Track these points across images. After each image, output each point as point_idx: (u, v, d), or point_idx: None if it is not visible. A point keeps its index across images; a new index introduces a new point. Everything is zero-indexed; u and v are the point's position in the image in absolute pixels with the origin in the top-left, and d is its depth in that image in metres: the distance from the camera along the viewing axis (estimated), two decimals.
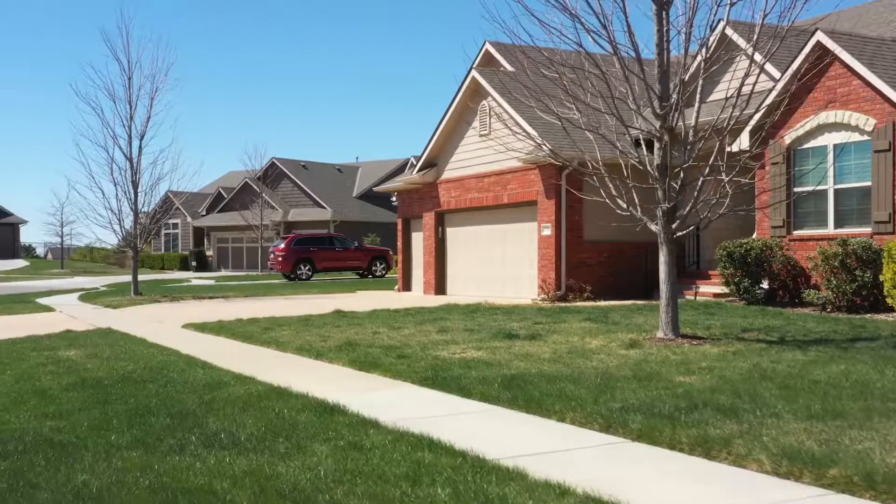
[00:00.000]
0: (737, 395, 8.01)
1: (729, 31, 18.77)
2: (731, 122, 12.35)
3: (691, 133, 12.55)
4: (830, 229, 17.62)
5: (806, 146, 18.04)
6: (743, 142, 18.25)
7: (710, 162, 12.45)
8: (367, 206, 60.92)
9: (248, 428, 7.25)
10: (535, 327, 14.60)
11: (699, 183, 12.55)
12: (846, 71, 17.19)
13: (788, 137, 18.23)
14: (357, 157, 75.08)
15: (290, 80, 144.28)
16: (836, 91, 17.45)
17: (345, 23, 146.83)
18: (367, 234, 53.32)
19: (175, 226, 67.02)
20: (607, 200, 13.64)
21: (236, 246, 61.51)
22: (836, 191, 17.43)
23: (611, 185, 13.27)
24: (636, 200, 13.16)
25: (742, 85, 12.24)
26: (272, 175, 60.77)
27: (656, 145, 12.64)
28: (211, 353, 12.59)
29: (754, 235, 19.22)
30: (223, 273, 57.25)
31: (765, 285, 17.71)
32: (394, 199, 56.62)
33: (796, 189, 18.07)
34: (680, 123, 12.50)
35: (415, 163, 51.46)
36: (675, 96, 12.26)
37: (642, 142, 20.18)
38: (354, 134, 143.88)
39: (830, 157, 17.50)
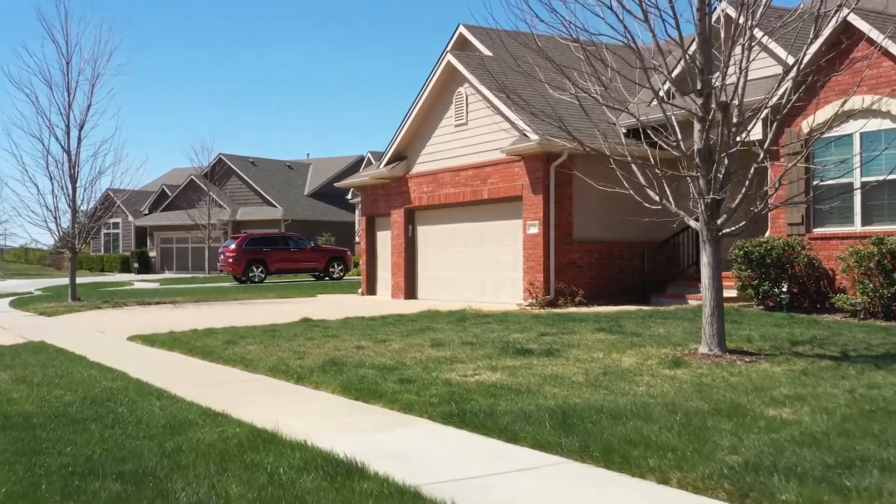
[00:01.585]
0: (881, 441, 6.09)
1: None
2: (791, 100, 10.49)
3: (735, 112, 10.64)
4: (857, 227, 15.92)
5: (828, 135, 16.27)
6: (754, 131, 16.46)
7: (766, 146, 10.57)
8: (320, 205, 58.54)
9: (234, 502, 5.13)
10: (543, 340, 12.62)
11: (751, 171, 10.66)
12: (876, 51, 15.49)
13: (807, 125, 16.48)
14: (308, 154, 72.71)
15: (238, 74, 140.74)
16: (864, 74, 15.74)
17: (294, 18, 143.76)
18: (320, 233, 50.96)
19: (116, 225, 63.83)
20: (631, 192, 11.69)
21: (181, 246, 58.65)
22: (863, 184, 15.71)
23: (639, 175, 11.31)
24: (668, 192, 11.23)
25: (804, 54, 10.40)
26: (219, 172, 58.04)
27: (696, 127, 10.71)
28: (166, 376, 10.38)
29: (767, 233, 17.48)
30: (167, 275, 54.41)
31: (784, 288, 15.93)
32: (349, 196, 54.79)
33: (816, 182, 16.35)
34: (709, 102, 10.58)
35: (372, 159, 49.52)
36: (733, 64, 10.31)
37: (641, 132, 18.50)
38: (305, 130, 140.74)
39: (857, 146, 15.80)
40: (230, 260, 37.44)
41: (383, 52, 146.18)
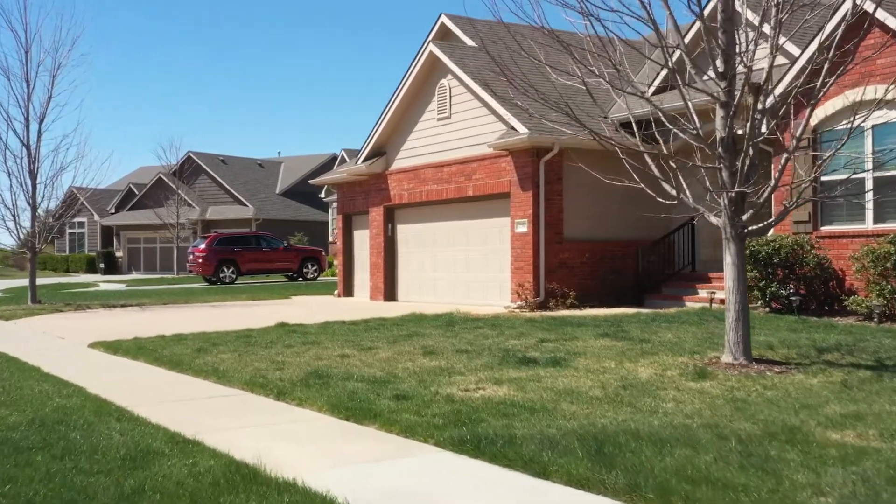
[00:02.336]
0: None
1: None
2: (828, 82, 9.50)
3: (763, 97, 9.64)
4: (868, 224, 15.04)
5: (836, 128, 15.41)
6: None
7: (799, 134, 9.58)
8: (292, 204, 57.19)
9: None
10: (545, 347, 11.58)
11: (783, 161, 9.67)
12: (890, 39, 14.62)
13: (814, 118, 15.57)
14: (279, 152, 71.31)
15: (207, 70, 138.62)
16: (876, 62, 14.87)
17: (263, 15, 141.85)
18: (292, 233, 49.65)
19: (81, 225, 62.05)
20: (643, 186, 10.66)
21: (149, 246, 57.07)
22: (875, 179, 14.82)
23: (653, 167, 10.29)
24: (684, 185, 10.22)
25: (839, 25, 9.44)
26: (188, 170, 56.49)
27: (719, 113, 9.71)
28: (129, 392, 9.22)
29: (771, 231, 16.54)
30: (134, 276, 52.85)
31: (791, 289, 15.00)
32: (322, 195, 53.50)
33: (824, 178, 15.43)
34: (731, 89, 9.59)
35: (346, 157, 48.30)
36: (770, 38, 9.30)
37: (633, 123, 17.72)
38: (276, 128, 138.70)
39: (868, 139, 14.91)
40: (200, 260, 36.10)
41: (356, 48, 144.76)
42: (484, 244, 20.39)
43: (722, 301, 16.52)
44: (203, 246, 36.42)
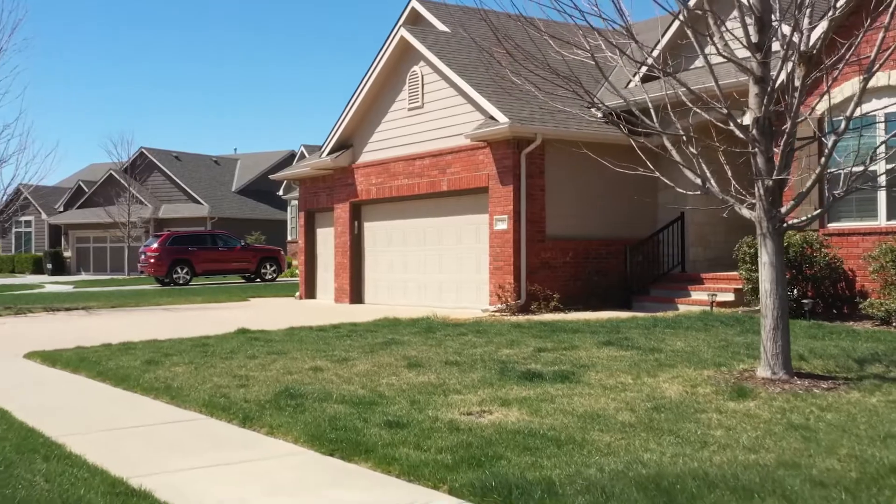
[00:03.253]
0: None
1: None
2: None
3: (796, 73, 8.40)
4: (881, 221, 13.93)
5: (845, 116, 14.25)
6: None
7: (849, 113, 8.35)
8: (249, 202, 55.39)
9: None
10: (544, 358, 10.26)
11: (830, 144, 8.44)
12: None
13: (820, 106, 14.42)
14: (235, 149, 69.35)
15: (159, 65, 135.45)
16: (890, 45, 13.74)
17: (219, 7, 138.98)
18: (249, 232, 47.92)
19: (27, 223, 59.60)
20: (657, 174, 9.38)
21: (99, 246, 54.88)
22: (889, 172, 13.70)
23: (676, 155, 8.99)
24: (707, 173, 8.94)
25: None
26: (141, 166, 54.41)
27: (752, 91, 8.46)
28: (65, 416, 7.75)
29: None
30: (84, 277, 50.72)
31: (797, 292, 13.85)
32: (281, 192, 51.80)
33: (831, 170, 14.29)
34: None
35: (306, 152, 46.65)
36: None
37: (615, 114, 16.67)
38: (232, 125, 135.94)
39: (881, 128, 13.78)
40: (152, 260, 34.29)
41: (315, 43, 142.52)
42: (459, 243, 19.04)
43: (722, 304, 15.38)
44: (155, 245, 34.63)
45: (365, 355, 10.94)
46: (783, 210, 8.37)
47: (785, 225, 8.43)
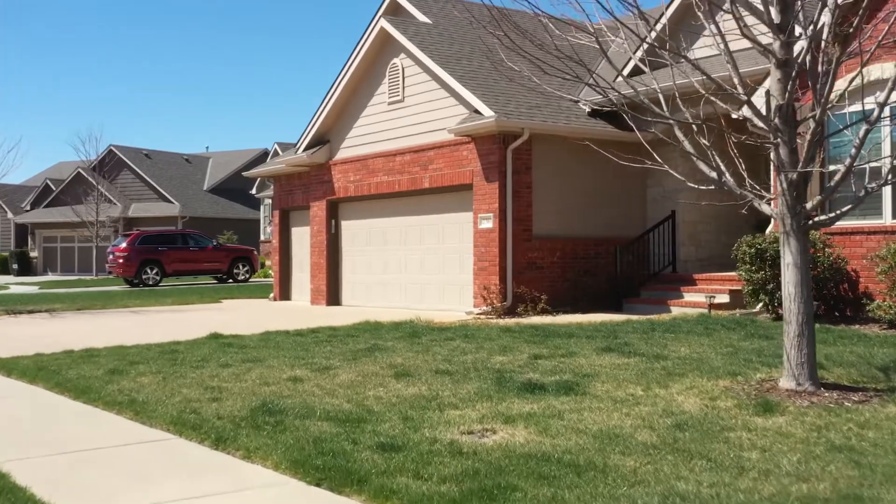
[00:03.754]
0: None
1: None
2: None
3: (831, 55, 7.71)
4: (887, 219, 13.32)
5: (850, 109, 13.65)
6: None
7: (884, 99, 7.66)
8: (221, 201, 54.31)
9: None
10: (542, 366, 9.51)
11: (862, 133, 7.74)
12: None
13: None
14: (207, 147, 68.17)
15: (129, 63, 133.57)
16: None
17: (188, 3, 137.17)
18: (221, 231, 46.87)
19: None
20: (666, 168, 8.66)
21: (66, 246, 53.58)
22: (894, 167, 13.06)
23: (688, 146, 8.27)
24: (722, 166, 8.22)
25: None
26: (110, 164, 53.14)
27: (775, 75, 7.75)
28: (13, 438, 6.91)
29: (770, 229, 14.77)
30: (50, 277, 49.45)
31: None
32: (254, 191, 50.79)
33: (833, 167, 13.68)
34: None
35: (279, 150, 45.60)
36: None
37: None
38: (204, 122, 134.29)
39: (887, 123, 13.17)
40: (120, 260, 33.23)
41: (289, 38, 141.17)
42: (442, 242, 18.27)
43: (718, 306, 14.73)
44: (124, 245, 33.57)
45: (347, 363, 10.15)
46: (808, 206, 7.67)
47: (811, 222, 7.73)
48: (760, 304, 13.80)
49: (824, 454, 5.69)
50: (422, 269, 18.74)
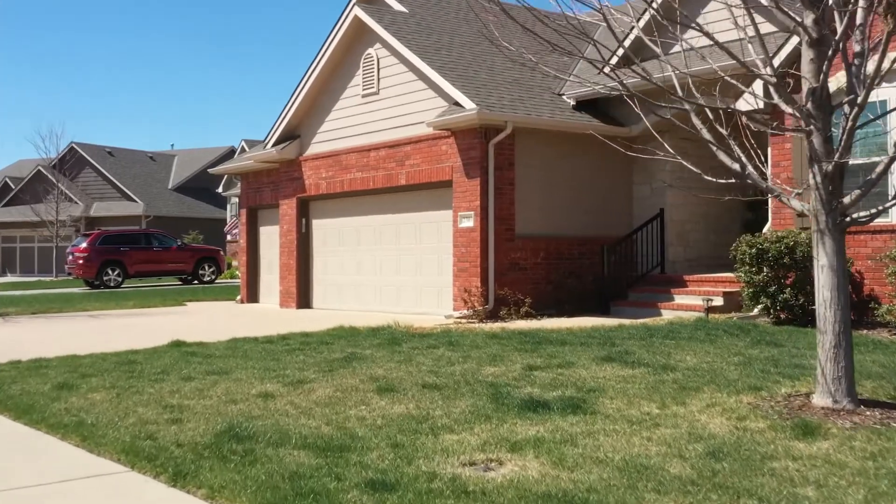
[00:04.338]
0: None
1: None
2: None
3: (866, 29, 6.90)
4: (893, 218, 12.59)
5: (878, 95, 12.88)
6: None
7: None
8: (186, 200, 53.00)
9: None
10: (539, 379, 8.62)
11: None
12: None
13: (835, 83, 13.01)
14: (172, 145, 66.77)
15: (91, 58, 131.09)
16: None
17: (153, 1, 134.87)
18: (187, 231, 45.62)
19: None
20: (682, 161, 7.80)
21: (26, 246, 51.98)
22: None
23: (706, 134, 7.41)
24: (744, 157, 7.37)
25: None
26: (71, 162, 51.65)
27: (807, 55, 6.91)
28: None
29: (768, 227, 14.01)
30: (9, 279, 47.88)
31: (802, 298, 12.44)
32: (220, 189, 49.56)
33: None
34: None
35: (246, 147, 44.42)
36: None
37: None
38: (169, 120, 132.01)
39: (893, 116, 12.45)
40: (80, 261, 31.94)
41: (258, 32, 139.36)
42: (419, 242, 17.34)
43: (712, 310, 13.92)
44: (84, 245, 32.28)
45: (323, 375, 9.20)
46: (845, 201, 6.83)
47: (847, 219, 6.90)
48: (759, 308, 13.03)
49: (889, 489, 4.85)
50: (398, 271, 17.80)
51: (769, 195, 7.34)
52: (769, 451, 5.72)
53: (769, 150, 14.00)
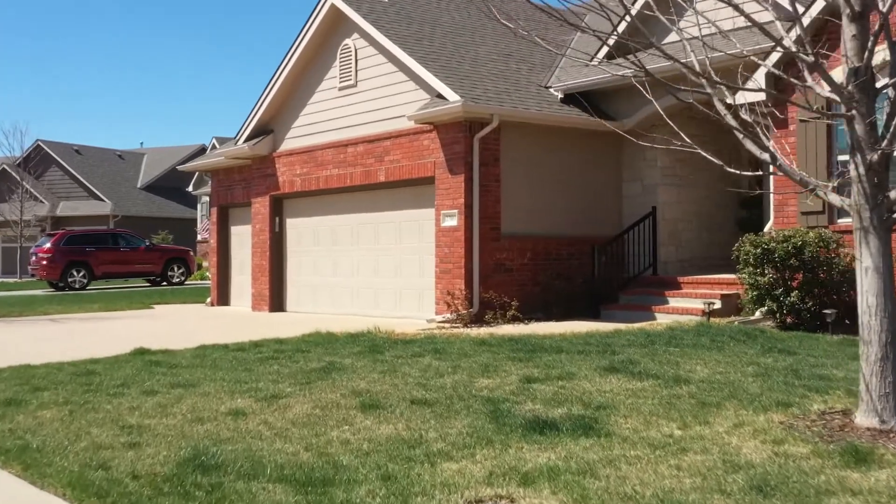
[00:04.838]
0: None
1: None
2: None
3: None
4: None
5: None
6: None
7: None
8: (156, 199, 51.79)
9: None
10: (539, 392, 7.80)
11: None
12: None
13: (842, 72, 12.33)
14: (142, 143, 65.47)
15: (57, 51, 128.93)
16: None
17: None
18: (156, 231, 44.46)
19: None
20: (699, 150, 7.02)
21: None
22: None
23: (732, 121, 6.64)
24: (771, 147, 6.62)
25: None
26: (36, 159, 50.26)
27: (848, 31, 6.17)
28: None
29: (770, 226, 13.30)
30: None
31: (810, 301, 11.73)
32: (190, 188, 48.38)
33: (842, 158, 12.27)
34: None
35: (217, 145, 43.24)
36: None
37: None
38: (139, 118, 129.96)
39: None
40: (44, 262, 30.76)
41: (230, 26, 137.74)
42: (398, 242, 16.49)
43: (713, 314, 13.18)
44: (48, 245, 31.11)
45: (300, 389, 8.34)
46: (892, 195, 6.08)
47: (895, 216, 6.15)
48: (763, 311, 12.31)
49: None
50: (377, 272, 16.94)
51: (804, 189, 6.52)
52: (821, 483, 4.94)
53: (770, 144, 13.27)
